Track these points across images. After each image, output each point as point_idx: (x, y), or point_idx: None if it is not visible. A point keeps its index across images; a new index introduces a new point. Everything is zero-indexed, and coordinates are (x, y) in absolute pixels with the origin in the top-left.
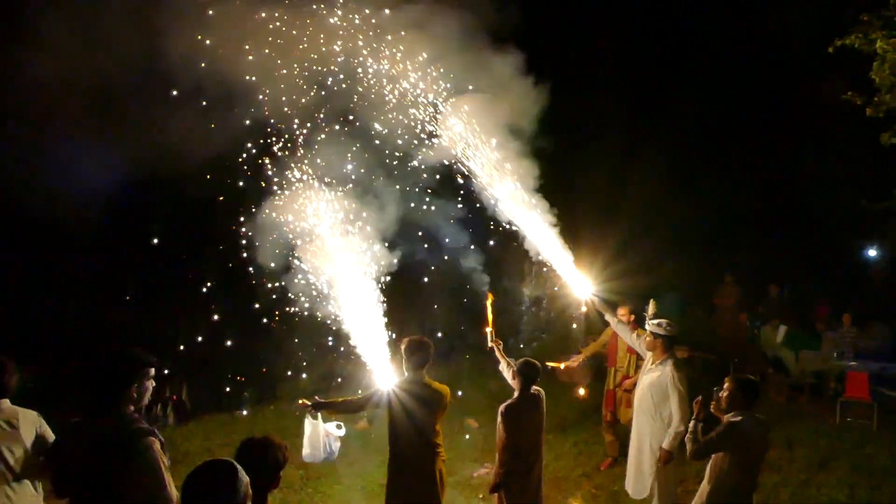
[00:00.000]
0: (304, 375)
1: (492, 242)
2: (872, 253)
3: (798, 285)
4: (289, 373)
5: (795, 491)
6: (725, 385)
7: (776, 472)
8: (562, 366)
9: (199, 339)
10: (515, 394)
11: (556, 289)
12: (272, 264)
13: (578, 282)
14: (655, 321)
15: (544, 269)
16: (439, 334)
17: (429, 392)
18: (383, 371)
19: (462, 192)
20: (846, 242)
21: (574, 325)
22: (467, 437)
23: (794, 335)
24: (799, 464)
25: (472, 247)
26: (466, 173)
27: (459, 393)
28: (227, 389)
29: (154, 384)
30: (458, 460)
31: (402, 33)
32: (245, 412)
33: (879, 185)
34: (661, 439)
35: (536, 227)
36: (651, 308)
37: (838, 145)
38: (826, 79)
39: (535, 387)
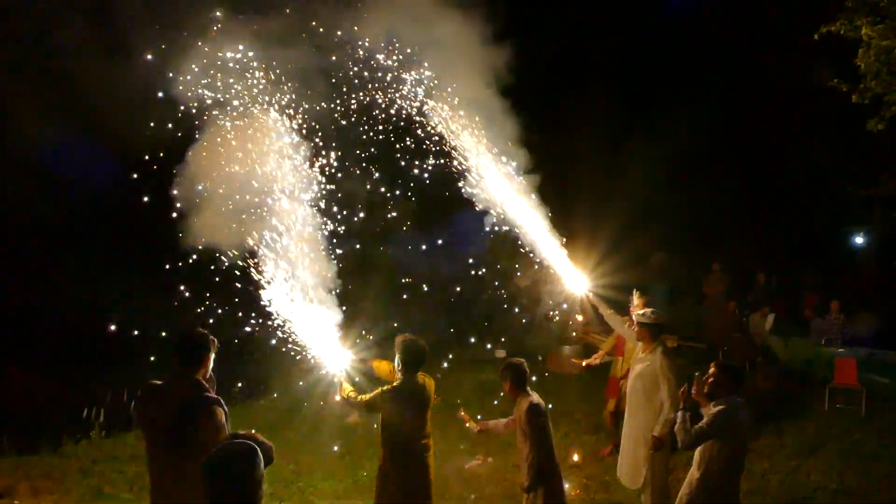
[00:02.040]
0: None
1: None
2: (860, 240)
3: (786, 273)
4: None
5: (785, 477)
6: (710, 371)
7: (765, 458)
8: (584, 363)
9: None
10: (525, 397)
11: (556, 295)
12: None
13: (574, 278)
14: (640, 311)
15: (537, 265)
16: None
17: (422, 390)
18: (332, 352)
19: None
20: (834, 230)
21: (574, 318)
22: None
23: (783, 322)
24: (788, 450)
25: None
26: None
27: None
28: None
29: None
30: (449, 451)
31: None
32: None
33: (866, 171)
34: (654, 427)
35: (531, 222)
36: (635, 299)
37: (825, 132)
38: (812, 66)
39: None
